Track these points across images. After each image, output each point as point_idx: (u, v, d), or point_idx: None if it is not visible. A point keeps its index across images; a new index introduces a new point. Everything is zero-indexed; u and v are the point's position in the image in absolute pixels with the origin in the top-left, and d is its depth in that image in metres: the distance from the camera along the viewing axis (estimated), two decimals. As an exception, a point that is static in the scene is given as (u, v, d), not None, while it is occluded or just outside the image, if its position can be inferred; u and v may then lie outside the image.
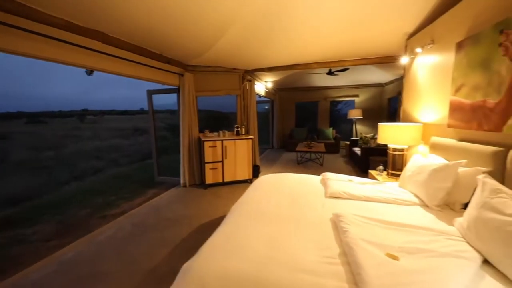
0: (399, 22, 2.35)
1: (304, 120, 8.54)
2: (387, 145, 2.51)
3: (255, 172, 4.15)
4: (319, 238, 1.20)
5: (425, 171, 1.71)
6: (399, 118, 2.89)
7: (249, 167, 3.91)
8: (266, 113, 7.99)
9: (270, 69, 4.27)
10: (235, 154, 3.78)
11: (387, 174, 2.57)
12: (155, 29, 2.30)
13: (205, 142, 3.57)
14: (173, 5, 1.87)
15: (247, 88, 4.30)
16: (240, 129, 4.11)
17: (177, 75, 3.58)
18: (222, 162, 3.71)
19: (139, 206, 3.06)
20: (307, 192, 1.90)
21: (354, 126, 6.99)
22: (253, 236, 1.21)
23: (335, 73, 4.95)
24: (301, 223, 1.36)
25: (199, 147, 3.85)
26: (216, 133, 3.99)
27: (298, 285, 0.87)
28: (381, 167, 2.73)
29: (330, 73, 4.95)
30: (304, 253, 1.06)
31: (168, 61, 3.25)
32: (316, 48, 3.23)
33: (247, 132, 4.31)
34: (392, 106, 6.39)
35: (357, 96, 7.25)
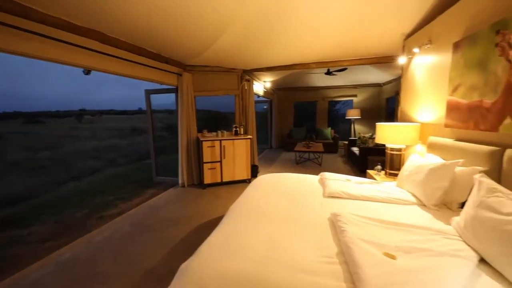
0: (397, 22, 2.36)
1: (303, 120, 8.54)
2: (385, 145, 2.52)
3: (254, 172, 4.15)
4: (318, 238, 1.20)
5: (422, 170, 1.71)
6: (397, 118, 2.90)
7: (248, 167, 3.91)
8: (265, 113, 7.99)
9: (269, 69, 4.27)
10: (233, 154, 3.78)
11: (385, 173, 2.58)
12: (154, 29, 2.29)
13: (203, 142, 3.56)
14: (173, 5, 1.87)
15: (246, 88, 4.29)
16: (238, 129, 4.11)
17: (176, 75, 3.57)
18: (220, 162, 3.70)
19: (137, 207, 3.05)
20: (305, 192, 1.91)
21: (352, 126, 7.00)
22: (251, 235, 1.22)
23: (334, 73, 4.96)
24: (299, 223, 1.37)
25: (198, 147, 3.84)
26: (215, 133, 3.99)
27: (297, 285, 0.87)
28: (379, 167, 2.74)
29: (329, 73, 4.97)
30: (302, 252, 1.07)
31: (166, 60, 3.24)
32: (315, 48, 3.24)
33: (245, 132, 4.31)
34: (390, 106, 6.42)
35: (355, 96, 7.27)
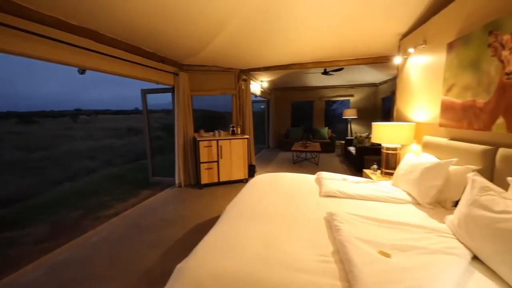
0: (393, 23, 2.38)
1: (300, 119, 8.56)
2: (381, 144, 2.54)
3: (251, 171, 4.15)
4: (314, 237, 1.21)
5: (417, 169, 1.73)
6: (393, 118, 2.92)
7: (245, 167, 3.91)
8: (262, 113, 7.99)
9: (266, 69, 4.27)
10: (230, 154, 3.77)
11: (381, 173, 2.60)
12: (152, 29, 2.27)
13: (200, 142, 3.55)
14: (172, 3, 1.85)
15: (243, 87, 4.29)
16: (235, 128, 4.10)
17: (172, 75, 3.55)
18: (217, 162, 3.69)
19: (133, 207, 3.03)
20: (302, 191, 1.91)
21: (349, 125, 7.04)
22: (248, 235, 1.21)
23: (330, 73, 4.98)
24: (296, 222, 1.37)
25: (194, 147, 3.82)
26: (212, 133, 3.97)
27: (292, 284, 0.87)
28: (375, 166, 2.76)
29: (325, 73, 4.98)
30: (298, 252, 1.07)
31: (162, 60, 3.22)
32: (311, 48, 3.25)
33: (242, 132, 4.30)
34: (386, 105, 6.47)
35: (352, 95, 7.32)
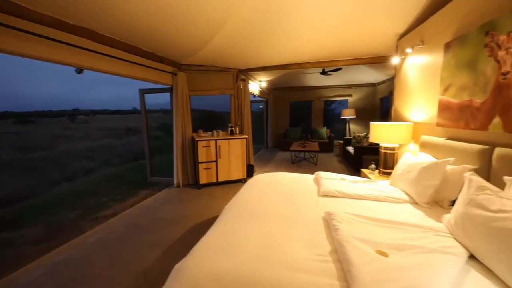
0: (390, 23, 2.39)
1: (298, 119, 8.57)
2: (379, 144, 2.55)
3: (249, 171, 4.15)
4: (312, 237, 1.21)
5: (415, 169, 1.74)
6: (391, 118, 2.93)
7: (243, 167, 3.91)
8: (261, 113, 7.99)
9: (264, 69, 4.27)
10: (229, 153, 3.77)
11: (379, 172, 2.61)
12: (153, 29, 2.27)
13: (198, 142, 3.55)
14: (172, 3, 1.85)
15: (241, 87, 4.29)
16: (234, 128, 4.10)
17: (170, 74, 3.54)
18: (216, 162, 3.69)
19: (131, 207, 3.02)
20: (300, 191, 1.92)
21: (347, 125, 7.06)
22: (246, 235, 1.21)
23: (329, 73, 4.99)
24: (294, 222, 1.37)
25: (193, 146, 3.82)
26: (210, 133, 3.96)
27: (291, 284, 0.87)
28: (373, 166, 2.77)
29: (324, 72, 4.99)
30: (296, 251, 1.07)
31: (161, 60, 3.21)
32: (310, 48, 3.25)
33: (241, 132, 4.30)
34: (384, 105, 6.49)
35: (350, 95, 7.33)
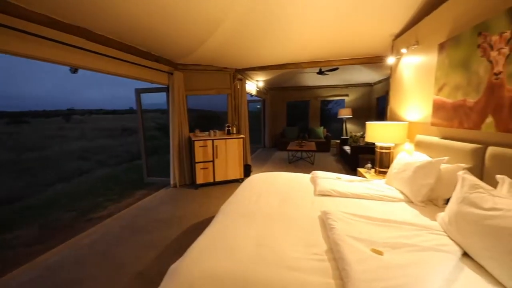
0: (386, 23, 2.40)
1: (296, 119, 8.59)
2: (375, 144, 2.57)
3: (247, 171, 4.15)
4: (308, 236, 1.21)
5: (409, 168, 1.76)
6: (387, 117, 2.96)
7: (241, 167, 3.90)
8: (258, 112, 7.99)
9: (261, 68, 4.27)
10: (226, 153, 3.76)
11: (375, 171, 2.63)
12: (151, 28, 2.25)
13: (195, 142, 3.53)
14: (172, 3, 1.84)
15: (238, 87, 4.28)
16: (231, 128, 4.09)
17: (167, 74, 3.52)
18: (213, 161, 3.68)
19: (127, 208, 2.99)
20: (297, 191, 1.92)
21: (344, 125, 7.10)
22: (242, 235, 1.21)
23: (325, 72, 5.01)
24: (290, 221, 1.37)
25: (190, 146, 3.80)
26: (207, 133, 3.95)
27: (286, 283, 0.87)
28: (369, 165, 2.78)
29: (320, 72, 5.01)
30: (292, 250, 1.07)
31: (157, 59, 3.18)
32: (307, 48, 3.26)
33: (238, 132, 4.30)
34: (380, 105, 6.54)
35: (347, 95, 7.37)
